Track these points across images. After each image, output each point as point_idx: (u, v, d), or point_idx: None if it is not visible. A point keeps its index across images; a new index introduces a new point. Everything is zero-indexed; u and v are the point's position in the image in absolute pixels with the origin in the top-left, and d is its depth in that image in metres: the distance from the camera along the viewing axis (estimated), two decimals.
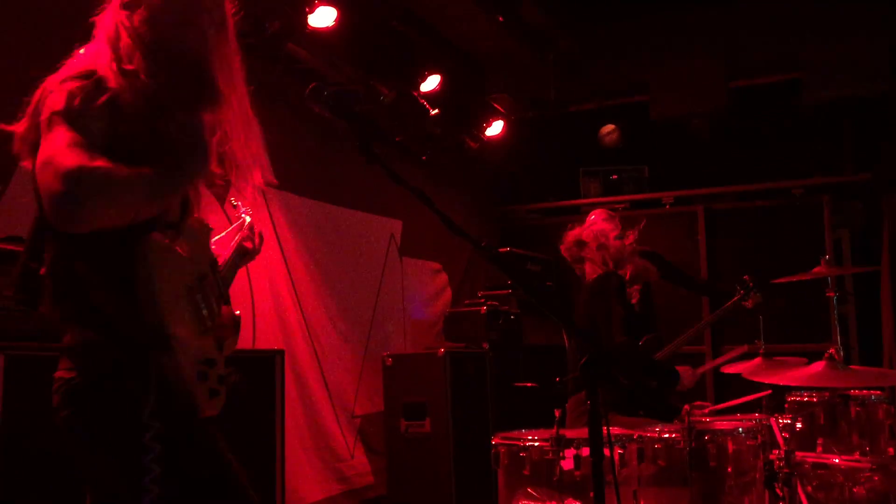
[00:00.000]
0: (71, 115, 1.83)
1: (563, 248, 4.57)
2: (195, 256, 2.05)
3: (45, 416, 2.73)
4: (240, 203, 2.53)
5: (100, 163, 1.77)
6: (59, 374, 1.91)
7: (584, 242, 4.47)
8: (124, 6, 1.99)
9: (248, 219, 2.49)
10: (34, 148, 1.90)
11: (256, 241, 2.46)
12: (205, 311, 2.02)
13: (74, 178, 1.73)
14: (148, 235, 1.88)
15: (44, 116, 1.86)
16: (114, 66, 1.93)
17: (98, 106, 1.87)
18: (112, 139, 1.86)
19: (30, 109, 1.95)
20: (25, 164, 1.96)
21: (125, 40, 1.96)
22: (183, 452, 1.88)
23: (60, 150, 1.78)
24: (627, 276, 4.41)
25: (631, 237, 4.42)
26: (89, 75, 1.91)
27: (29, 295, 1.97)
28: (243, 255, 2.43)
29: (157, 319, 1.84)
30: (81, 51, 2.02)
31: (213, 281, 2.11)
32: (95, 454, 1.90)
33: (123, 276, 1.85)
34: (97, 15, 2.04)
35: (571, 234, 4.54)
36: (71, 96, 1.85)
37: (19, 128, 1.96)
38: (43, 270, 1.93)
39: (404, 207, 6.31)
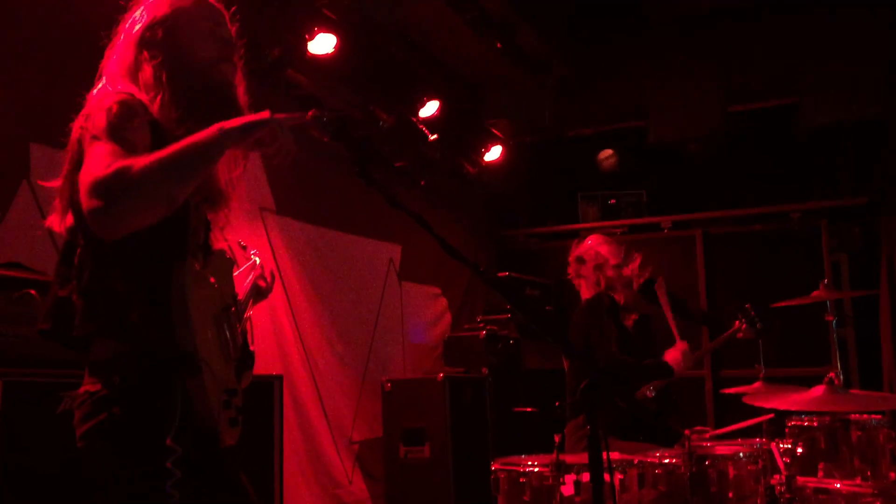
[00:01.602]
0: (110, 131, 1.82)
1: (571, 258, 4.61)
2: (221, 287, 2.08)
3: (43, 441, 2.72)
4: (248, 245, 2.57)
5: (120, 163, 1.74)
6: (83, 389, 1.90)
7: (583, 260, 4.51)
8: (143, 44, 2.01)
9: (257, 260, 2.52)
10: (66, 206, 1.95)
11: (269, 279, 2.48)
12: (229, 341, 2.04)
13: (99, 188, 1.72)
14: (184, 261, 1.92)
15: (85, 143, 1.85)
16: (144, 95, 1.95)
17: (140, 122, 1.87)
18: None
19: (68, 156, 1.95)
20: (50, 220, 1.99)
21: (148, 76, 1.98)
22: (202, 478, 1.87)
23: (93, 165, 1.76)
24: (622, 302, 4.43)
25: (628, 270, 4.43)
26: (130, 96, 1.92)
27: (57, 324, 1.95)
28: (257, 293, 2.46)
29: (188, 344, 1.86)
30: (95, 91, 2.02)
31: (235, 313, 2.13)
32: (117, 469, 1.86)
33: (159, 298, 1.86)
34: (107, 50, 2.07)
35: (576, 251, 4.59)
36: (110, 112, 1.84)
37: (57, 182, 1.97)
38: (75, 296, 1.92)
39: (403, 232, 6.32)
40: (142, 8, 2.05)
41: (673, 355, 4.28)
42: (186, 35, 2.04)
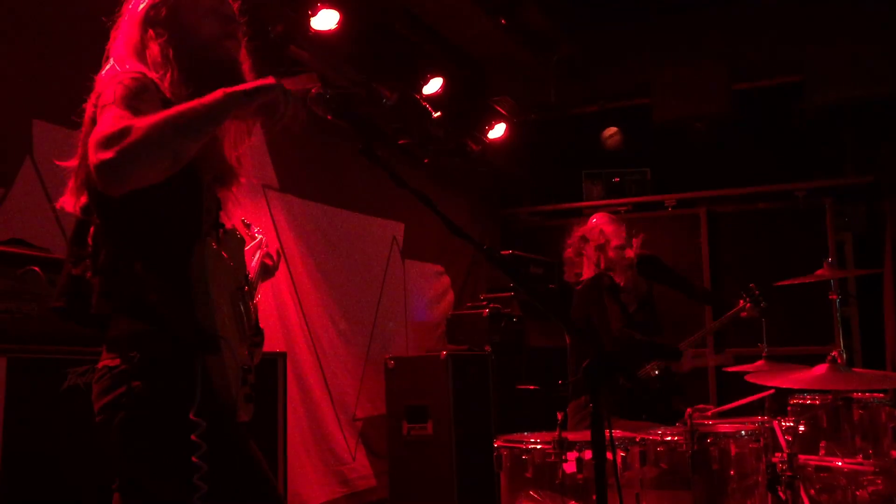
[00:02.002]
0: (121, 100, 1.83)
1: (569, 241, 4.60)
2: (235, 265, 2.11)
3: (47, 417, 2.74)
4: (251, 223, 2.57)
5: (129, 121, 1.75)
6: (101, 364, 1.92)
7: (587, 239, 4.50)
8: (148, 22, 2.03)
9: (262, 238, 2.53)
10: (81, 186, 1.96)
11: (275, 257, 2.51)
12: (245, 319, 2.06)
13: (107, 140, 1.72)
14: (204, 240, 1.94)
15: (98, 117, 1.86)
16: (154, 73, 1.97)
17: (151, 97, 1.89)
18: None
19: (82, 136, 1.96)
20: (63, 200, 2.00)
21: (155, 53, 2.00)
22: (220, 453, 1.88)
23: (102, 125, 1.78)
24: (622, 284, 4.42)
25: (631, 251, 4.42)
26: (141, 74, 1.94)
27: (72, 302, 1.97)
28: (265, 272, 2.47)
29: (208, 322, 1.88)
30: (104, 72, 2.03)
31: (248, 292, 2.15)
32: (140, 445, 1.87)
33: (178, 277, 1.88)
34: (112, 31, 2.08)
35: (578, 231, 4.58)
36: (122, 85, 1.86)
37: (73, 162, 1.98)
38: (89, 274, 1.94)
39: (407, 210, 6.31)
40: None
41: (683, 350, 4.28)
42: (190, 12, 2.05)
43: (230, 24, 2.10)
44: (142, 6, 2.04)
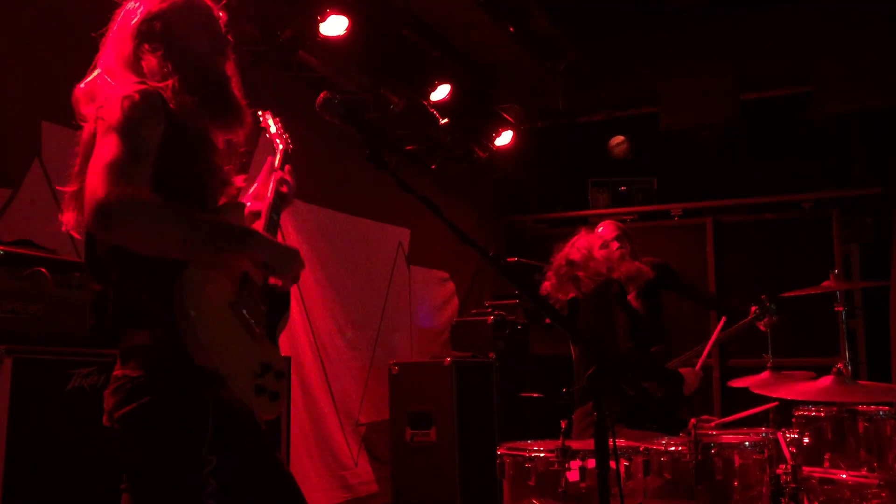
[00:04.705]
0: (126, 125, 1.87)
1: (552, 273, 4.53)
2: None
3: (52, 418, 2.74)
4: (265, 115, 2.60)
5: (145, 192, 1.82)
6: (120, 372, 1.91)
7: (573, 261, 4.44)
8: (141, 36, 2.05)
9: (280, 146, 2.57)
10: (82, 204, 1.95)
11: (290, 179, 2.48)
12: (252, 320, 2.00)
13: (115, 203, 1.77)
14: (181, 277, 1.86)
15: (99, 129, 1.90)
16: (153, 82, 1.99)
17: (156, 120, 1.92)
18: (162, 147, 1.92)
19: (81, 151, 1.98)
20: (66, 219, 2.02)
21: (153, 65, 2.02)
22: (238, 458, 1.89)
23: (111, 164, 1.81)
24: (625, 273, 4.38)
25: (614, 245, 4.41)
26: (151, 87, 1.96)
27: (100, 318, 1.96)
28: (282, 200, 2.42)
29: (207, 362, 1.85)
30: (90, 77, 2.06)
31: (252, 284, 2.06)
32: (156, 440, 1.87)
33: (168, 311, 1.86)
34: (102, 42, 2.11)
35: (558, 259, 4.52)
36: (132, 102, 1.89)
37: (72, 187, 2.00)
38: (110, 290, 1.94)
39: (413, 216, 6.31)
40: (135, 1, 2.10)
41: (688, 372, 4.24)
42: (182, 28, 2.09)
43: (219, 40, 2.15)
44: (134, 20, 2.06)
